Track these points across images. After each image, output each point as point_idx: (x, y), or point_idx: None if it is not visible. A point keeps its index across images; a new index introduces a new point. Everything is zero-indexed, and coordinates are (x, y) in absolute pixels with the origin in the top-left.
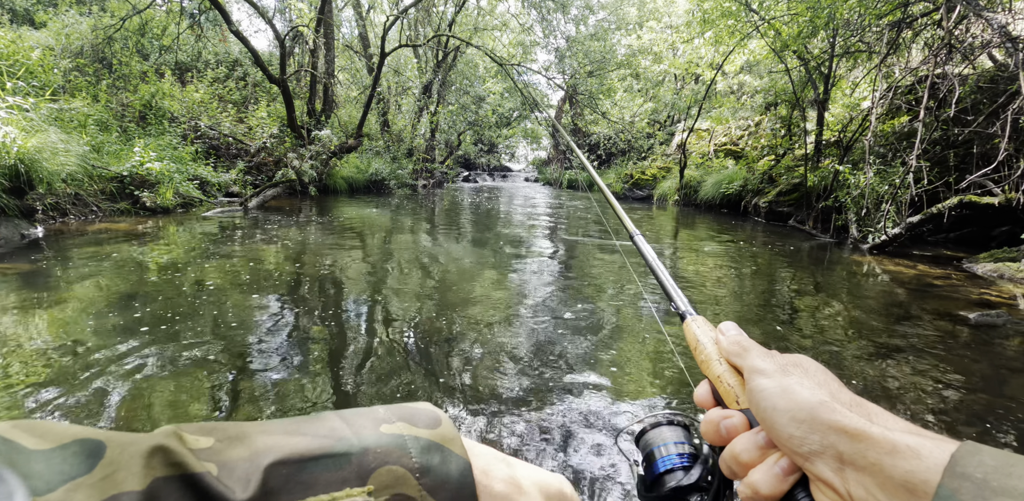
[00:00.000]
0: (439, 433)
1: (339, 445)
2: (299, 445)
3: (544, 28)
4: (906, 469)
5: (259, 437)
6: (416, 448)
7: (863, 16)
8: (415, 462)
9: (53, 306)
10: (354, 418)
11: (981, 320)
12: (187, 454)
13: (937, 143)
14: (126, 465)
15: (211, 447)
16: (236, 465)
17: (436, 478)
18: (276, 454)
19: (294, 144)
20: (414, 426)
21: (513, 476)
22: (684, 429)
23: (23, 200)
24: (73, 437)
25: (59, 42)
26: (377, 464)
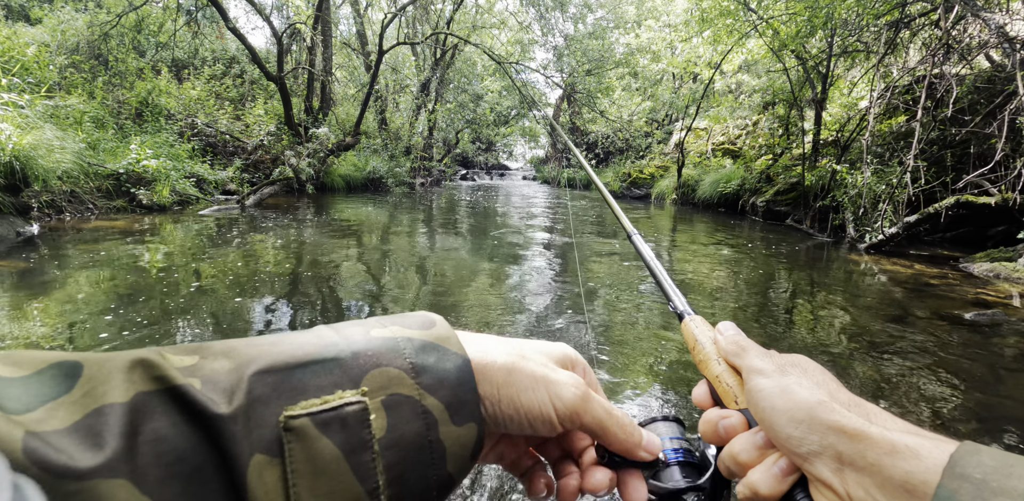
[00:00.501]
0: (434, 333)
1: (327, 350)
2: (284, 353)
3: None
4: (905, 469)
5: (243, 349)
6: (410, 348)
7: (861, 16)
8: (409, 362)
9: (48, 304)
10: (345, 327)
11: (977, 319)
12: (169, 368)
13: (934, 143)
14: (105, 379)
15: (195, 364)
16: (220, 377)
17: (433, 376)
18: (260, 363)
19: (291, 142)
20: (407, 328)
21: (513, 347)
22: (679, 425)
23: (18, 198)
24: (48, 362)
25: (55, 38)
26: (370, 366)
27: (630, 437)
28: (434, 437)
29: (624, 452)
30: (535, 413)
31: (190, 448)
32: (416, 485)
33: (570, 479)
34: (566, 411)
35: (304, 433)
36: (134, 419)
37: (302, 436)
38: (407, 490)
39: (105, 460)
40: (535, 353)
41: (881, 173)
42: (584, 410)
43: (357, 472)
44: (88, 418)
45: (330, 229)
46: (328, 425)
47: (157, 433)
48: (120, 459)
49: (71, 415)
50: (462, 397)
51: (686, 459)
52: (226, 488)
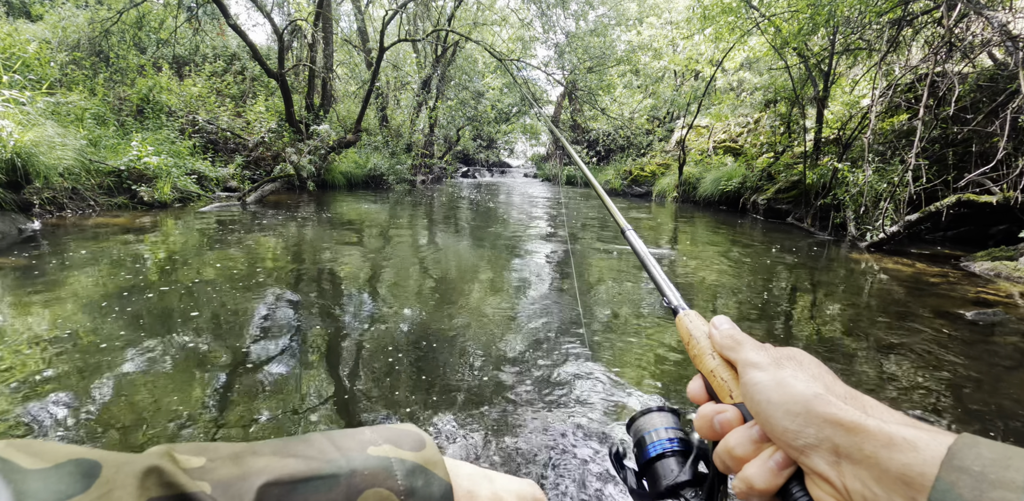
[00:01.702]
0: (423, 456)
1: (328, 467)
2: (289, 466)
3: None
4: (903, 462)
5: (250, 458)
6: (401, 471)
7: (863, 13)
8: (400, 485)
9: (49, 301)
10: (342, 440)
11: (978, 318)
12: (181, 474)
13: (936, 141)
14: (121, 484)
15: (203, 466)
16: (229, 484)
17: (420, 499)
18: (268, 475)
19: (292, 139)
20: (400, 448)
21: (495, 492)
22: (674, 415)
23: (20, 194)
24: (68, 457)
25: (56, 35)
26: (365, 486)
27: None
28: None
29: None
30: None
31: None
32: None
33: None
34: None
35: None
36: None
37: None
38: None
39: None
40: (510, 495)
41: (882, 171)
42: None
43: None
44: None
45: (331, 226)
46: None
47: None
48: None
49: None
50: None
51: (682, 448)
52: None
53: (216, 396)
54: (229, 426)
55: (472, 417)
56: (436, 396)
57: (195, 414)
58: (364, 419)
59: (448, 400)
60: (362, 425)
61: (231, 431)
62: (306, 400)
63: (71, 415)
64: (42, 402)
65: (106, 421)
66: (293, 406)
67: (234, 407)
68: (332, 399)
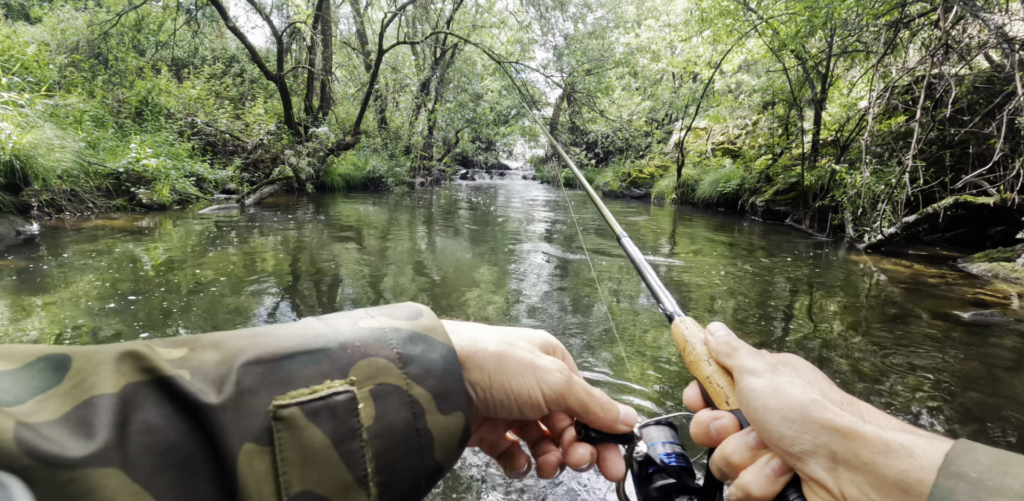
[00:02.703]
0: (420, 323)
1: (315, 341)
2: (272, 344)
3: (542, 26)
4: (900, 468)
5: (231, 341)
6: (397, 339)
7: (861, 16)
8: (396, 352)
9: (48, 303)
10: (332, 319)
11: (975, 319)
12: (158, 359)
13: (933, 143)
14: (95, 371)
15: (183, 356)
16: (209, 368)
17: (420, 366)
18: (249, 354)
19: (291, 141)
20: (394, 319)
21: (501, 335)
22: (672, 429)
23: (18, 197)
24: (37, 355)
25: (54, 37)
26: (357, 356)
27: (608, 413)
28: (421, 426)
29: (604, 427)
30: (524, 397)
31: (180, 438)
32: (404, 473)
33: (550, 456)
34: (553, 394)
35: (293, 422)
36: (124, 410)
37: (291, 425)
38: (396, 478)
39: (96, 449)
40: (521, 340)
41: (880, 173)
42: (569, 393)
43: (346, 460)
44: (78, 409)
45: (330, 228)
46: (317, 414)
47: (147, 423)
48: (111, 448)
49: (61, 406)
50: (449, 386)
51: (679, 463)
52: (217, 477)
53: None
54: None
55: None
56: None
57: None
58: None
59: None
60: None
61: None
62: None
63: None
64: None
65: None
66: None
67: None
68: None
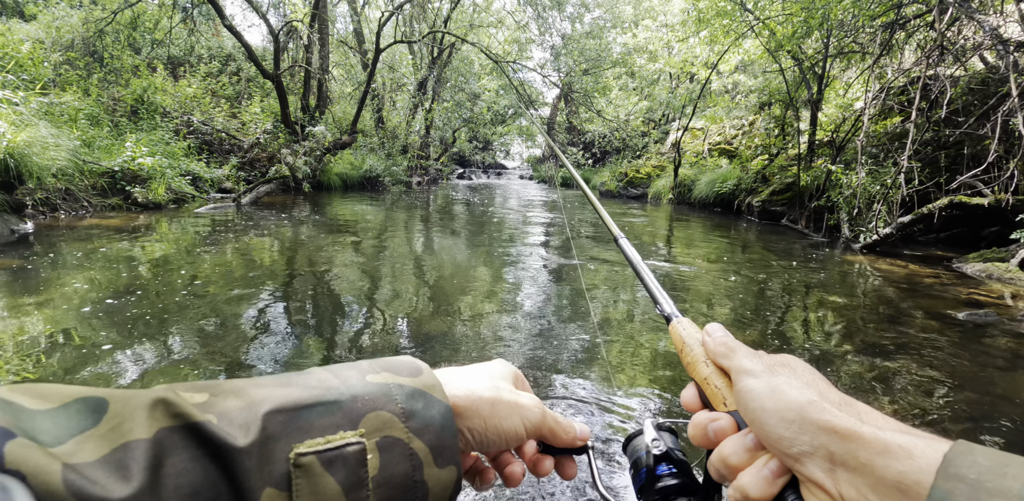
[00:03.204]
0: (421, 381)
1: (329, 394)
2: (292, 394)
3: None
4: (898, 470)
5: (253, 389)
6: (401, 395)
7: (857, 17)
8: (401, 407)
9: (41, 302)
10: (341, 370)
11: (970, 319)
12: (188, 405)
13: (928, 144)
14: (131, 416)
15: (207, 401)
16: (234, 414)
17: (421, 421)
18: (272, 403)
19: (288, 140)
20: (398, 375)
21: (487, 380)
22: (672, 434)
23: (13, 195)
24: (75, 396)
25: (49, 35)
26: (366, 410)
27: (569, 434)
28: (419, 478)
29: (566, 445)
30: (511, 434)
31: (208, 481)
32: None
33: (515, 467)
34: (532, 427)
35: (311, 470)
36: (157, 453)
37: (309, 472)
38: None
39: (133, 492)
40: (500, 381)
41: (876, 173)
42: (543, 424)
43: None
44: (116, 452)
45: (326, 228)
46: (331, 463)
47: (178, 466)
48: (146, 491)
49: (99, 448)
50: (445, 441)
51: (678, 469)
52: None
53: None
54: None
55: None
56: None
57: None
58: None
59: None
60: None
61: None
62: None
63: None
64: None
65: None
66: None
67: None
68: None
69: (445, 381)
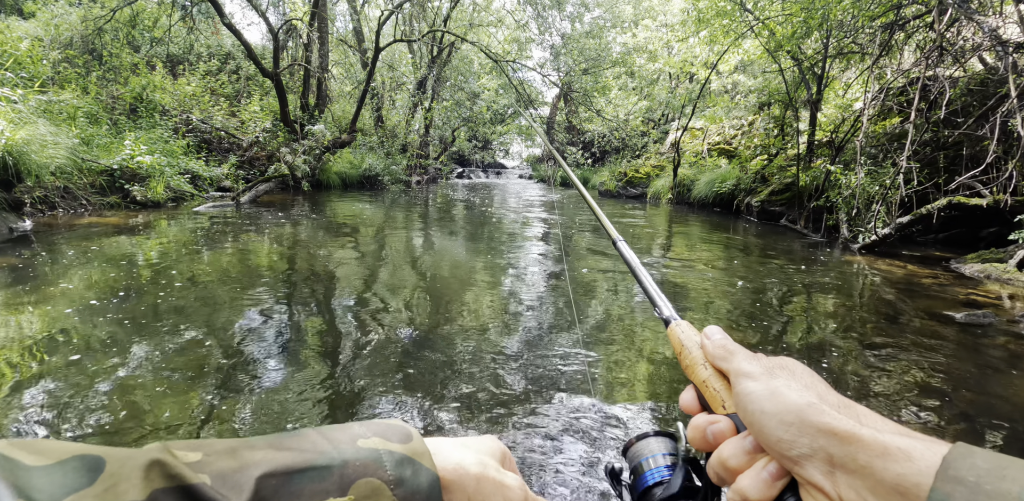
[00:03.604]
0: (411, 448)
1: (321, 458)
2: (285, 459)
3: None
4: (898, 472)
5: (246, 451)
6: (391, 462)
7: (856, 18)
8: (390, 475)
9: (40, 301)
10: (332, 434)
11: (968, 320)
12: (183, 467)
13: (927, 144)
14: (126, 477)
15: (200, 460)
16: (228, 476)
17: (409, 489)
18: (265, 467)
19: (287, 139)
20: (388, 441)
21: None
22: (671, 440)
23: (11, 193)
24: (71, 453)
25: (48, 33)
26: (356, 476)
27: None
28: None
29: None
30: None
31: None
32: None
33: None
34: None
35: None
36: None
37: None
38: None
39: None
40: (488, 458)
41: (874, 174)
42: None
43: None
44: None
45: (326, 226)
46: None
47: None
48: None
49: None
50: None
51: (673, 475)
52: None
53: (209, 397)
54: (222, 425)
55: (464, 418)
56: (430, 397)
57: (188, 415)
58: (358, 418)
59: (441, 401)
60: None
61: (224, 433)
62: (300, 400)
63: (61, 416)
64: (31, 404)
65: (96, 422)
66: (287, 406)
67: (228, 407)
68: (326, 399)
69: (434, 450)
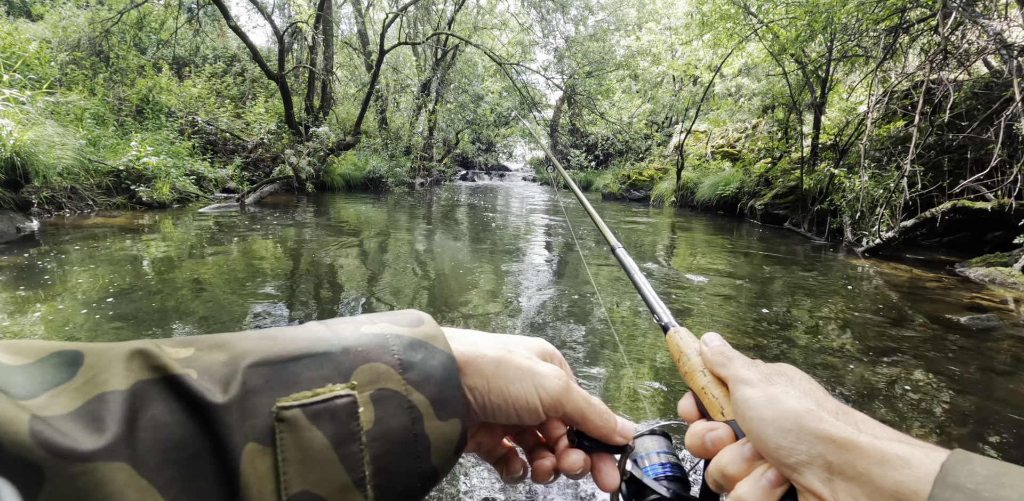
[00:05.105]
0: (421, 331)
1: (318, 345)
2: (277, 347)
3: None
4: (896, 479)
5: (237, 343)
6: (399, 345)
7: (861, 21)
8: (397, 358)
9: (47, 301)
10: (335, 323)
11: (972, 323)
12: (168, 358)
13: (932, 148)
14: (106, 368)
15: (190, 356)
16: (215, 368)
17: (420, 372)
18: (255, 356)
19: (292, 140)
20: (396, 325)
21: (499, 341)
22: (667, 439)
23: (19, 193)
24: (50, 351)
25: (56, 35)
26: (359, 361)
27: (606, 423)
28: (419, 431)
29: (601, 437)
30: (522, 403)
31: (187, 435)
32: (401, 477)
33: (544, 460)
34: (551, 400)
35: (295, 423)
36: (133, 406)
37: (293, 426)
38: (393, 481)
39: (106, 444)
40: (519, 347)
41: (879, 177)
42: (567, 399)
43: (345, 462)
44: (90, 404)
45: (329, 228)
46: (318, 416)
47: (155, 420)
48: (120, 443)
49: (73, 401)
50: (447, 393)
51: (674, 474)
52: (220, 474)
53: None
54: None
55: None
56: None
57: None
58: None
59: None
60: None
61: None
62: None
63: None
64: None
65: None
66: None
67: None
68: None
69: (450, 334)
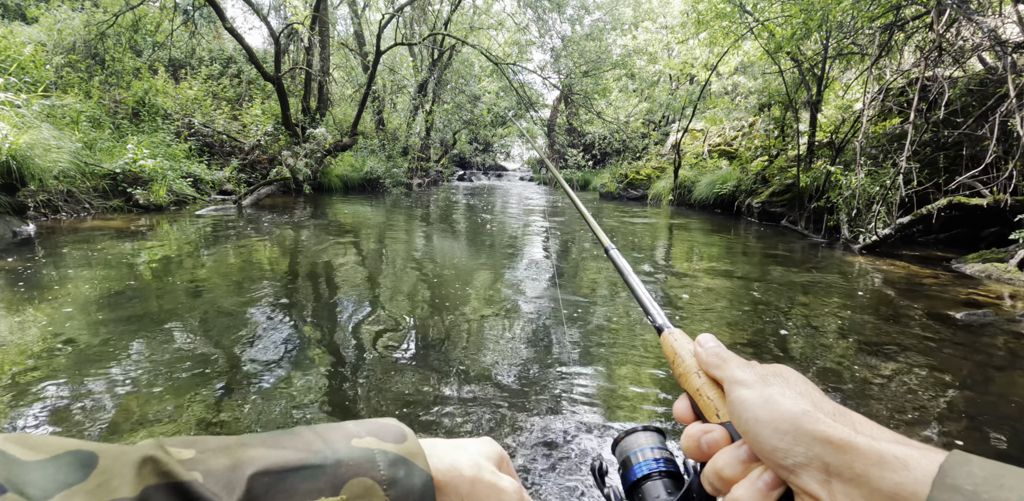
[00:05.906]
0: (405, 448)
1: (315, 457)
2: (279, 457)
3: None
4: (894, 481)
5: (240, 449)
6: (384, 461)
7: (856, 18)
8: (383, 474)
9: (43, 304)
10: (327, 433)
11: (968, 319)
12: (175, 464)
13: (927, 145)
14: (119, 473)
15: (193, 458)
16: (220, 474)
17: (402, 490)
18: (258, 465)
19: (289, 142)
20: (382, 441)
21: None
22: (660, 435)
23: (15, 197)
24: (65, 448)
25: (51, 38)
26: (349, 475)
27: None
28: None
29: None
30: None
31: None
32: None
33: None
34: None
35: None
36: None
37: None
38: None
39: None
40: (484, 460)
41: (875, 175)
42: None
43: None
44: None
45: (327, 230)
46: None
47: None
48: None
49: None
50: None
51: (668, 469)
52: None
53: (209, 399)
54: (222, 427)
55: (461, 420)
56: (428, 398)
57: (187, 416)
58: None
59: (439, 403)
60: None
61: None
62: (299, 401)
63: (62, 417)
64: (32, 405)
65: (95, 423)
66: (287, 407)
67: (228, 409)
68: (324, 400)
69: (429, 451)
